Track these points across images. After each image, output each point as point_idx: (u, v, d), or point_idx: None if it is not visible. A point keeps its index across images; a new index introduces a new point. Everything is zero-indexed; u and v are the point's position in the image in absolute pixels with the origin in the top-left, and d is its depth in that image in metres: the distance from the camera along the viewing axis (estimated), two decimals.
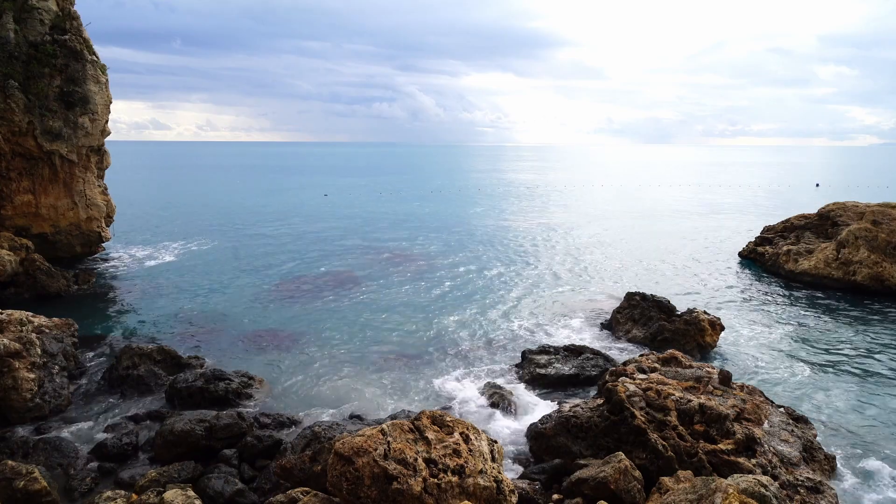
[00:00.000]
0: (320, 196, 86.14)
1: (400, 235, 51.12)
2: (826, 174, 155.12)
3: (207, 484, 13.69)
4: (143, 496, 12.70)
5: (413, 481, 10.57)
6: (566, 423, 15.31)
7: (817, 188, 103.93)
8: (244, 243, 46.56)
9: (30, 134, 32.57)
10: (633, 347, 23.99)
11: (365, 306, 29.59)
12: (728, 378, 16.36)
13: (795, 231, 39.71)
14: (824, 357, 23.13)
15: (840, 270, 32.86)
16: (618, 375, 16.63)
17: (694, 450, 13.55)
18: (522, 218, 63.49)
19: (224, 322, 27.07)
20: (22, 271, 30.45)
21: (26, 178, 33.71)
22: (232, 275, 36.02)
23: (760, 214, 64.47)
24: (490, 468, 11.48)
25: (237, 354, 23.23)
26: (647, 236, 51.40)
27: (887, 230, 32.34)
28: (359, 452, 10.85)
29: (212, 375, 19.37)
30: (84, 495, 13.97)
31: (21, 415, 17.20)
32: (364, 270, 37.48)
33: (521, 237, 50.53)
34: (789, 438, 14.63)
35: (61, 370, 19.31)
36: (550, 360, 21.25)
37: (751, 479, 11.04)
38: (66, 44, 33.50)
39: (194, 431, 15.53)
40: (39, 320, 20.58)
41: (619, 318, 26.10)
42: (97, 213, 36.78)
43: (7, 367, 17.49)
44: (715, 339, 23.84)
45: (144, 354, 20.71)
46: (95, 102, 34.70)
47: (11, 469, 13.10)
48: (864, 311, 29.06)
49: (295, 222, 58.73)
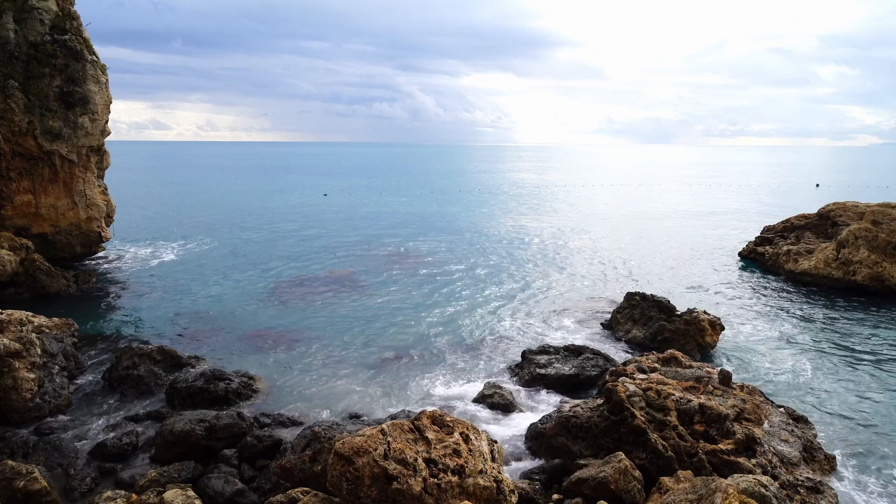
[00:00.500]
0: (320, 196, 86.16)
1: (400, 235, 51.12)
2: (826, 174, 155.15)
3: (207, 484, 13.69)
4: (143, 496, 12.70)
5: (413, 481, 10.57)
6: (566, 423, 15.31)
7: (817, 188, 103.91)
8: (244, 243, 46.56)
9: (30, 134, 32.57)
10: (633, 347, 24.00)
11: (365, 306, 29.58)
12: (728, 378, 16.37)
13: (795, 231, 39.72)
14: (824, 357, 23.14)
15: (840, 270, 32.86)
16: (618, 375, 16.64)
17: (694, 450, 13.55)
18: (523, 218, 63.49)
19: (224, 322, 27.07)
20: (22, 271, 30.45)
21: (26, 178, 33.70)
22: (232, 275, 36.02)
23: (760, 214, 64.46)
24: (490, 468, 11.48)
25: (237, 354, 23.23)
26: (647, 236, 51.39)
27: (887, 230, 32.35)
28: (359, 452, 10.85)
29: (212, 375, 19.37)
30: (84, 495, 13.98)
31: (21, 415, 17.20)
32: (364, 270, 37.48)
33: (521, 237, 50.53)
34: (789, 438, 14.63)
35: (61, 370, 19.31)
36: (550, 360, 21.24)
37: (751, 479, 11.05)
38: (66, 44, 33.49)
39: (194, 431, 15.53)
40: (39, 320, 20.58)
41: (619, 318, 26.10)
42: (97, 213, 36.77)
43: (7, 367, 17.49)
44: (715, 339, 23.84)
45: (144, 354, 20.71)
46: (95, 102, 34.69)
47: (11, 469, 13.10)
48: (864, 311, 29.06)
49: (295, 222, 58.74)
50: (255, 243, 46.66)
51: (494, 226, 57.35)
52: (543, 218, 63.63)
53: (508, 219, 62.69)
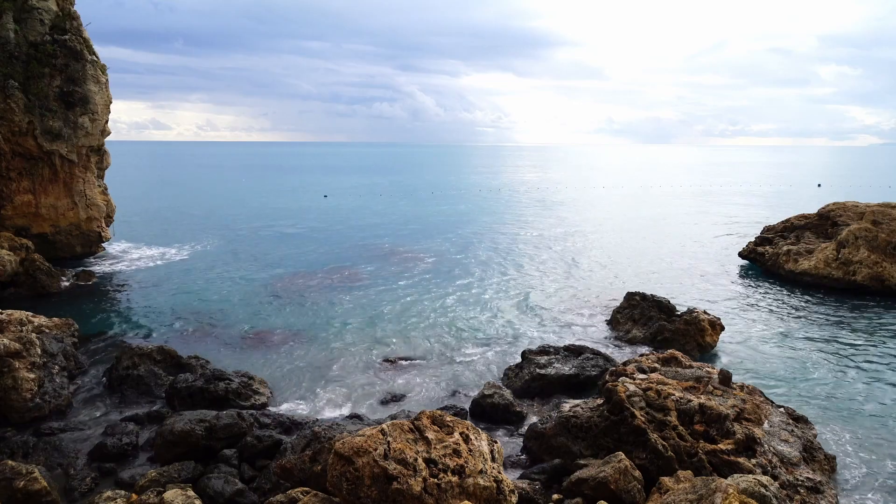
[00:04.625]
0: (320, 196, 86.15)
1: (400, 236, 51.14)
2: (826, 174, 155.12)
3: (207, 484, 13.69)
4: (143, 496, 12.70)
5: (413, 481, 10.57)
6: (566, 423, 15.30)
7: (819, 188, 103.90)
8: (244, 243, 46.57)
9: (30, 134, 32.58)
10: (633, 347, 23.99)
11: (365, 306, 29.59)
12: (728, 378, 16.36)
13: (795, 231, 39.70)
14: (824, 357, 23.13)
15: (840, 270, 32.85)
16: (618, 375, 16.64)
17: (694, 450, 13.55)
18: (523, 218, 63.52)
19: (224, 322, 27.08)
20: (22, 271, 30.45)
21: (26, 178, 33.72)
22: (232, 275, 36.02)
23: (760, 214, 64.46)
24: (490, 468, 11.48)
25: (237, 354, 23.24)
26: (647, 236, 51.40)
27: (887, 230, 32.34)
28: (359, 452, 10.85)
29: (212, 375, 19.36)
30: (84, 495, 13.97)
31: (21, 415, 17.19)
32: (364, 270, 37.49)
33: (521, 237, 50.54)
34: (789, 438, 14.63)
35: (61, 370, 19.31)
36: (550, 360, 21.24)
37: (751, 479, 11.05)
38: (66, 44, 33.51)
39: (194, 431, 15.52)
40: (39, 320, 20.59)
41: (619, 318, 26.09)
42: (97, 213, 36.78)
43: (7, 367, 17.49)
44: (715, 339, 23.84)
45: (144, 354, 20.70)
46: (95, 102, 34.70)
47: (11, 469, 13.10)
48: (864, 311, 29.05)
49: (295, 222, 58.75)
50: (255, 243, 46.66)
51: (494, 226, 57.36)
52: (543, 218, 63.63)
53: (508, 219, 62.71)
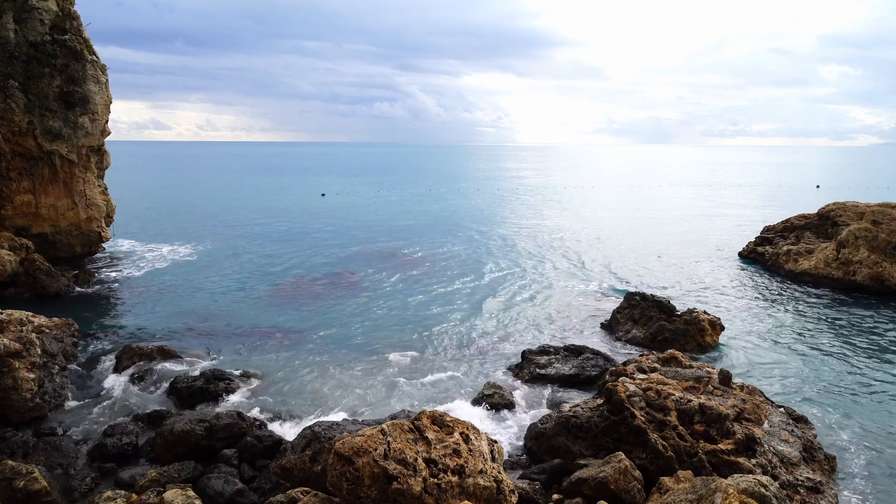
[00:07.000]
0: (319, 196, 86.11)
1: (400, 236, 51.11)
2: (826, 174, 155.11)
3: (207, 484, 13.69)
4: (143, 496, 12.70)
5: (413, 481, 10.57)
6: (566, 423, 15.30)
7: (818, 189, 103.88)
8: (244, 243, 46.54)
9: (30, 134, 32.56)
10: (633, 347, 23.99)
11: (365, 306, 29.58)
12: (728, 378, 16.36)
13: (795, 231, 39.72)
14: (824, 357, 23.12)
15: (840, 270, 32.85)
16: (618, 375, 16.64)
17: (694, 450, 13.55)
18: (523, 218, 63.49)
19: (224, 322, 27.07)
20: (22, 271, 30.45)
21: (26, 178, 33.70)
22: (232, 275, 36.01)
23: (760, 214, 64.44)
24: (490, 468, 11.48)
25: (237, 354, 23.23)
26: (647, 236, 51.38)
27: (887, 230, 32.34)
28: (359, 452, 10.85)
29: (212, 375, 19.38)
30: (84, 495, 13.98)
31: (21, 415, 17.20)
32: (364, 270, 37.48)
33: (520, 237, 50.52)
34: (789, 438, 14.63)
35: (61, 370, 19.32)
36: (550, 360, 21.24)
37: (751, 479, 11.04)
38: (66, 44, 33.49)
39: (194, 431, 15.53)
40: (39, 320, 20.60)
41: (619, 318, 26.10)
42: (97, 213, 36.77)
43: (7, 367, 17.49)
44: (715, 339, 23.84)
45: (144, 354, 20.72)
46: (95, 102, 34.69)
47: (11, 469, 13.10)
48: (864, 311, 29.04)
49: (295, 222, 58.73)
50: (255, 243, 46.63)
51: (494, 226, 57.34)
52: (543, 218, 63.61)
53: (508, 219, 62.69)
